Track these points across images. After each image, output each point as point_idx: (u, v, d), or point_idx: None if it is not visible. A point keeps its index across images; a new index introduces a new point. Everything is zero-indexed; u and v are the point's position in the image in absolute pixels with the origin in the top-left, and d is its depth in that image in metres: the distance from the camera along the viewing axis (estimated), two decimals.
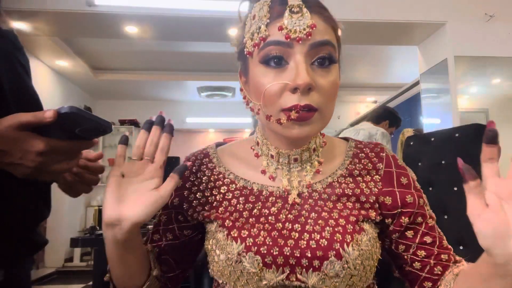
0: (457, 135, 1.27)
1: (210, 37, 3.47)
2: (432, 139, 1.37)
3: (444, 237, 0.67)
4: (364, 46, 4.25)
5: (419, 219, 0.65)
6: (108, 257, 0.59)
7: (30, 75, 0.78)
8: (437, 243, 0.65)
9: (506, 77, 3.22)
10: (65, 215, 5.16)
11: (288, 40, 0.56)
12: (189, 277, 1.00)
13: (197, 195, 0.68)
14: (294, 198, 0.63)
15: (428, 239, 0.64)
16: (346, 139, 0.74)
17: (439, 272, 0.63)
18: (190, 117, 6.40)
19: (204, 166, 0.70)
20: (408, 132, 3.40)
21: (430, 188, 1.30)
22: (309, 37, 0.56)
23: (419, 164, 1.39)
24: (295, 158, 0.66)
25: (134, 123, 6.22)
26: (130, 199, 0.55)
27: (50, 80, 4.73)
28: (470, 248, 1.16)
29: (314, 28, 0.56)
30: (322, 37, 0.58)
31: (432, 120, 3.36)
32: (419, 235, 0.64)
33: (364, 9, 3.07)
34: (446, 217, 1.23)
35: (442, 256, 0.64)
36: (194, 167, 0.70)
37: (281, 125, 0.58)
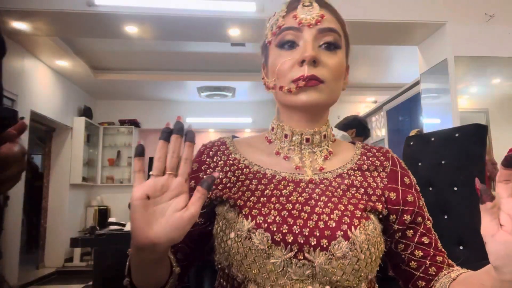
0: (457, 135, 1.27)
1: (210, 37, 3.47)
2: (432, 139, 1.36)
3: (439, 240, 0.70)
4: (364, 46, 4.25)
5: (419, 219, 0.68)
6: (134, 268, 0.58)
7: None
8: (433, 244, 0.68)
9: (506, 77, 3.22)
10: (65, 215, 5.16)
11: (300, 25, 0.66)
12: (189, 277, 1.00)
13: None
14: (310, 177, 0.67)
15: (425, 240, 0.68)
16: (352, 143, 0.79)
17: (433, 273, 0.66)
18: (190, 117, 6.39)
19: (221, 152, 0.73)
20: (414, 133, 3.40)
21: (430, 188, 1.30)
22: (318, 24, 0.66)
23: (419, 164, 1.38)
24: (307, 138, 0.70)
25: (134, 123, 6.22)
26: (160, 222, 0.52)
27: (50, 80, 4.73)
28: (470, 248, 1.16)
29: (323, 18, 0.66)
30: (329, 25, 0.67)
31: (432, 120, 3.36)
32: (418, 235, 0.68)
33: (364, 9, 3.07)
34: (446, 217, 1.23)
35: (437, 258, 0.67)
36: (211, 152, 0.74)
37: (291, 93, 0.65)
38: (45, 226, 5.10)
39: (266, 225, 0.60)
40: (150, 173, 0.54)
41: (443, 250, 0.69)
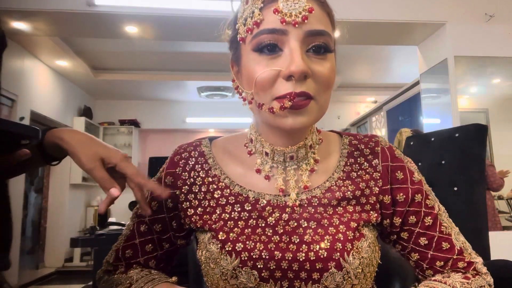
0: (457, 135, 1.27)
1: (210, 37, 3.46)
2: (432, 139, 1.36)
3: (451, 235, 0.62)
4: (364, 46, 4.24)
5: (412, 218, 0.61)
6: None
7: None
8: (433, 246, 0.61)
9: (506, 77, 3.22)
10: (65, 215, 5.16)
11: (284, 24, 0.52)
12: (188, 277, 1.00)
13: (188, 197, 0.63)
14: (295, 200, 0.59)
15: (422, 241, 0.61)
16: (339, 133, 0.69)
17: (430, 275, 0.63)
18: (190, 117, 6.39)
19: (199, 166, 0.64)
20: (406, 132, 3.40)
21: (430, 188, 1.30)
22: (305, 21, 0.52)
23: (419, 164, 1.38)
24: (290, 156, 0.61)
25: (134, 123, 6.22)
26: None
27: (50, 80, 4.72)
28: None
29: (311, 12, 0.52)
30: (319, 26, 0.53)
31: (432, 120, 3.36)
32: (414, 236, 0.62)
33: (364, 9, 3.06)
34: None
35: (437, 262, 0.61)
36: (187, 166, 0.65)
37: (273, 114, 0.54)
38: (45, 226, 5.10)
39: (252, 262, 0.54)
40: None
41: (455, 248, 0.61)
